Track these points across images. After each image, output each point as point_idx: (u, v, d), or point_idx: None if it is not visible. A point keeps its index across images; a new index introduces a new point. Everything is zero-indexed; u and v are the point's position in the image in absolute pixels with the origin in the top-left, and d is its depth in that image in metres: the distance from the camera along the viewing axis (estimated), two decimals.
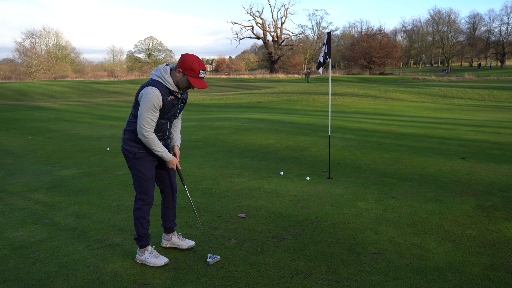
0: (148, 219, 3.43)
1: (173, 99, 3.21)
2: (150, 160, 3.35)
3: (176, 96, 3.24)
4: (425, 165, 6.97)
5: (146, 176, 3.33)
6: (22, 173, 7.38)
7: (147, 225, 3.43)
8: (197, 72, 3.08)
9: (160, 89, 3.10)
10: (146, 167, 3.33)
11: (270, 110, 18.97)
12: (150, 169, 3.37)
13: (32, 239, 4.08)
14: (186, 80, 3.11)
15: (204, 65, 3.13)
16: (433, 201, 5.04)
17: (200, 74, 3.11)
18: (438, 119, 14.02)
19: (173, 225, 3.71)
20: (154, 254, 3.43)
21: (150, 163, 3.36)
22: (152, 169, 3.39)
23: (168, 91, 3.16)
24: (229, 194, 5.48)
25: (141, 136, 3.14)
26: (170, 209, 3.65)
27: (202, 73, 3.12)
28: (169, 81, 3.14)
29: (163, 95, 3.12)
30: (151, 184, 3.39)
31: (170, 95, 3.17)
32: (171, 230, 3.71)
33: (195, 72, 3.08)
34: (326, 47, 6.14)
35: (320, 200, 5.16)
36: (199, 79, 3.12)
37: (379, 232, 4.07)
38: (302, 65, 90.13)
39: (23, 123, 15.79)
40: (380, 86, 29.24)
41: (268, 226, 4.26)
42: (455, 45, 79.20)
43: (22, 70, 65.80)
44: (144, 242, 3.43)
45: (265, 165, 7.24)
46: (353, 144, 9.08)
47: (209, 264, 3.37)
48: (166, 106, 3.17)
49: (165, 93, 3.13)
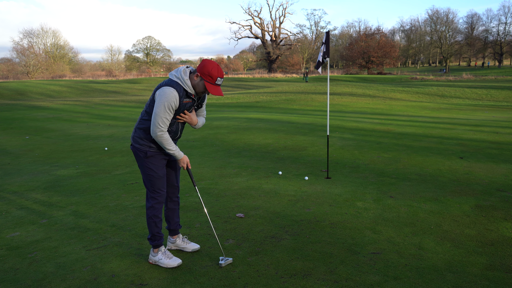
0: (161, 218, 3.42)
1: (189, 102, 3.23)
2: (161, 158, 3.35)
3: (192, 99, 3.25)
4: (423, 164, 6.97)
5: (157, 174, 3.32)
6: (20, 172, 7.35)
7: (160, 224, 3.41)
8: (215, 79, 3.12)
9: (178, 90, 3.12)
10: (157, 166, 3.33)
11: (268, 110, 18.95)
12: (161, 167, 3.36)
13: (29, 239, 4.05)
14: (202, 85, 3.15)
15: (222, 73, 3.16)
16: (431, 201, 5.04)
17: (217, 82, 3.14)
18: (436, 118, 14.03)
19: (177, 227, 3.67)
20: (167, 255, 3.40)
21: (161, 161, 3.35)
22: (163, 167, 3.38)
23: (186, 93, 3.18)
24: (227, 194, 5.46)
25: (155, 134, 3.15)
26: (173, 210, 3.62)
27: (219, 80, 3.15)
28: (188, 83, 3.17)
29: (181, 97, 3.14)
30: (163, 182, 3.37)
31: (187, 97, 3.20)
32: (175, 232, 3.66)
33: (212, 78, 3.11)
34: (324, 47, 6.13)
35: (318, 200, 5.15)
36: (215, 86, 3.16)
37: (378, 232, 4.06)
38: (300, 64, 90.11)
39: (21, 123, 15.73)
40: (378, 85, 29.26)
41: (266, 226, 4.24)
42: (453, 45, 79.33)
43: (19, 69, 65.59)
44: (158, 242, 3.40)
45: (264, 165, 7.22)
46: (352, 143, 9.07)
47: (221, 266, 3.34)
48: (181, 108, 3.20)
49: (182, 95, 3.15)
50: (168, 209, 3.60)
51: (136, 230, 4.18)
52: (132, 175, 6.76)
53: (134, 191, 5.75)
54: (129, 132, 12.26)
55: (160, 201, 3.37)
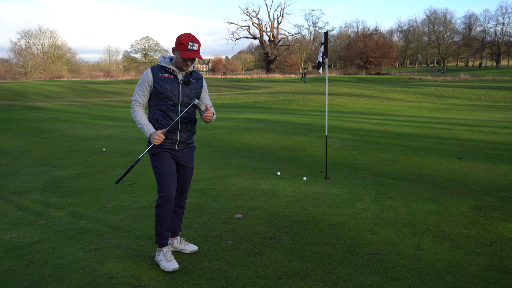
0: (168, 219, 3.38)
1: (169, 77, 3.24)
2: (166, 156, 3.33)
3: (174, 75, 3.26)
4: (422, 165, 6.97)
5: (163, 172, 3.30)
6: (17, 173, 7.32)
7: (166, 225, 3.38)
8: (186, 45, 3.11)
9: (152, 68, 3.25)
10: (163, 163, 3.31)
11: (266, 110, 18.94)
12: (166, 165, 3.33)
13: (27, 241, 4.03)
14: (179, 55, 3.16)
15: (195, 39, 3.15)
16: (430, 201, 5.03)
17: (189, 47, 3.12)
18: (435, 119, 14.05)
19: (177, 230, 3.64)
20: (166, 257, 3.36)
21: (166, 159, 3.33)
22: (169, 165, 3.34)
23: (163, 69, 3.26)
24: (225, 194, 5.45)
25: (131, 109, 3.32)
26: (177, 213, 3.58)
27: (191, 45, 3.13)
28: (164, 60, 3.28)
29: (155, 72, 3.23)
30: (169, 180, 3.33)
31: (165, 72, 3.25)
32: (175, 234, 3.64)
33: (184, 45, 3.11)
34: (323, 47, 6.13)
35: (317, 200, 5.14)
36: (189, 51, 3.14)
37: (377, 233, 4.05)
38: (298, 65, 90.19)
39: (18, 123, 15.69)
40: (376, 86, 29.29)
41: (265, 227, 4.23)
42: (451, 45, 79.51)
43: (17, 70, 65.48)
44: (161, 242, 3.39)
45: (262, 165, 7.21)
46: (350, 144, 9.07)
47: None
48: (159, 82, 3.22)
49: (157, 71, 3.24)
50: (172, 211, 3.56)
51: (134, 231, 4.16)
52: (130, 175, 6.74)
53: (132, 192, 5.73)
54: (127, 133, 12.23)
55: (166, 200, 3.33)
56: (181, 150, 3.42)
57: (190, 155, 3.51)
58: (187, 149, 3.48)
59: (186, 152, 3.47)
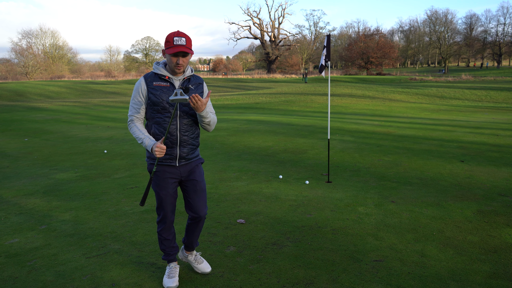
0: (167, 238, 3.20)
1: (165, 85, 2.91)
2: (164, 177, 3.02)
3: (168, 82, 2.93)
4: (424, 168, 6.95)
5: (158, 194, 3.05)
6: (19, 176, 7.31)
7: (168, 243, 3.21)
8: (172, 41, 2.78)
9: (146, 76, 2.96)
10: (160, 185, 3.03)
11: (268, 111, 18.92)
12: (163, 187, 3.03)
13: (28, 246, 4.01)
14: (167, 55, 2.85)
15: (181, 33, 2.81)
16: (433, 206, 5.01)
17: (175, 42, 2.78)
18: (436, 120, 14.01)
19: (192, 245, 3.36)
20: (169, 272, 3.21)
21: (164, 180, 3.02)
22: (165, 186, 3.03)
23: (158, 76, 2.94)
24: (228, 198, 5.43)
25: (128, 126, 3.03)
26: (193, 230, 3.27)
27: (177, 40, 2.78)
28: (158, 67, 2.97)
29: (148, 81, 2.93)
30: (165, 204, 3.07)
31: (160, 80, 2.93)
32: (189, 248, 3.40)
33: (170, 42, 2.79)
34: (326, 50, 6.10)
35: (319, 205, 5.12)
36: (175, 46, 2.78)
37: (380, 239, 4.03)
38: (299, 65, 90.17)
39: (20, 125, 15.68)
40: (377, 86, 29.26)
41: (267, 233, 4.21)
42: (452, 46, 79.37)
43: (18, 70, 65.52)
44: (167, 258, 3.25)
45: (264, 168, 7.19)
46: (352, 146, 9.04)
47: None
48: (154, 92, 2.89)
49: (151, 79, 2.93)
50: (188, 228, 3.28)
51: (136, 237, 4.15)
52: (131, 178, 6.73)
53: (133, 195, 5.71)
54: (128, 134, 12.22)
55: (162, 221, 3.13)
56: (183, 166, 3.06)
57: (195, 169, 3.13)
58: (190, 164, 3.11)
59: (189, 167, 3.10)
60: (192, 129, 3.05)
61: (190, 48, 2.85)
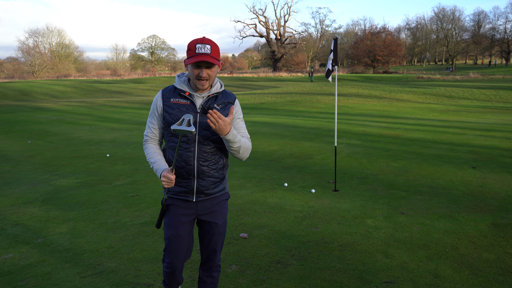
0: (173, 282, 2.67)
1: (184, 103, 2.40)
2: (177, 213, 2.48)
3: (189, 99, 2.41)
4: (434, 175, 6.71)
5: (166, 234, 2.52)
6: (19, 182, 7.17)
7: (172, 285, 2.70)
8: (194, 49, 2.28)
9: (164, 90, 2.49)
10: (170, 223, 2.49)
11: (273, 112, 18.70)
12: (173, 226, 2.49)
13: (22, 263, 3.85)
14: (189, 67, 2.35)
15: (205, 40, 2.31)
16: (445, 218, 4.79)
17: (198, 50, 2.28)
18: (445, 122, 13.72)
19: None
20: None
21: (175, 218, 2.48)
22: (175, 226, 2.48)
23: (177, 92, 2.44)
24: (231, 209, 5.23)
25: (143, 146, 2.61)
26: (205, 284, 2.70)
27: (200, 47, 2.28)
28: (179, 80, 2.48)
29: (165, 95, 2.45)
30: (173, 245, 2.51)
31: (179, 96, 2.42)
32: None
33: (191, 50, 2.30)
34: (332, 54, 5.88)
35: (326, 216, 4.91)
36: (197, 56, 2.28)
37: (390, 256, 3.82)
38: (305, 63, 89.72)
39: (24, 126, 15.60)
40: (384, 86, 28.91)
41: (272, 249, 4.01)
42: (460, 43, 78.56)
43: (25, 69, 65.79)
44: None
45: (269, 175, 6.99)
46: (359, 151, 8.81)
47: None
48: (169, 111, 2.40)
49: (169, 95, 2.44)
50: (200, 278, 2.73)
51: (134, 253, 3.97)
52: (132, 186, 6.56)
53: (134, 205, 5.54)
54: (132, 137, 12.07)
55: (168, 266, 2.57)
56: (201, 202, 2.50)
57: (217, 208, 2.55)
58: (211, 201, 2.53)
59: (210, 203, 2.52)
60: (214, 158, 2.46)
61: (217, 58, 2.33)
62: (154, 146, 2.54)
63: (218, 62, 2.34)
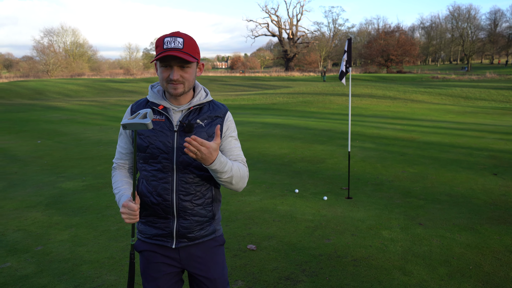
0: None
1: (158, 120, 1.83)
2: (154, 261, 1.90)
3: (164, 114, 1.84)
4: (453, 182, 6.39)
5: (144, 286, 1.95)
6: (24, 184, 7.05)
7: None
8: (162, 44, 1.74)
9: (134, 105, 1.93)
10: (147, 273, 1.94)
11: (285, 113, 18.43)
12: (150, 278, 1.92)
13: (19, 273, 3.68)
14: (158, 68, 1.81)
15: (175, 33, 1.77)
16: (467, 230, 4.49)
17: (166, 45, 1.73)
18: (463, 124, 13.30)
19: None
20: None
21: (153, 265, 1.91)
22: (154, 278, 1.91)
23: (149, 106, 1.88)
24: (238, 217, 5.00)
25: None
26: None
27: (169, 41, 1.73)
28: (152, 92, 1.92)
29: (134, 112, 1.90)
30: None
31: None
32: None
33: (159, 47, 1.75)
34: (346, 55, 5.61)
35: (339, 227, 4.65)
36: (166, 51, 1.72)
37: (409, 273, 3.55)
38: (318, 62, 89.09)
39: (35, 125, 15.60)
40: (399, 86, 28.38)
41: (281, 263, 3.77)
42: (475, 42, 77.14)
43: (40, 68, 66.54)
44: None
45: (279, 180, 6.74)
46: (373, 155, 8.51)
47: None
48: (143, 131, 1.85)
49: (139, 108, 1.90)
50: None
51: (135, 265, 3.76)
52: None
53: None
54: None
55: None
56: (185, 248, 1.90)
57: (207, 257, 1.94)
58: (197, 248, 1.92)
59: (196, 251, 1.92)
60: (199, 191, 1.87)
61: (192, 54, 1.76)
62: (121, 174, 1.99)
63: (194, 59, 1.76)
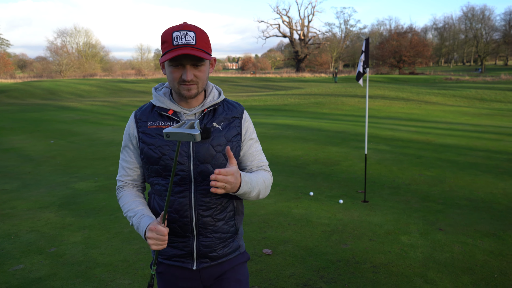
0: None
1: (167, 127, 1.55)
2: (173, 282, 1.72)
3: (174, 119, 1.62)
4: (473, 186, 6.22)
5: None
6: (38, 184, 7.05)
7: None
8: (170, 40, 1.50)
9: (137, 111, 1.71)
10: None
11: (297, 114, 18.31)
12: None
13: (32, 276, 3.63)
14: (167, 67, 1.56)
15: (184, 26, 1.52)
16: (489, 237, 4.34)
17: (176, 40, 1.49)
18: (479, 126, 13.04)
19: None
20: None
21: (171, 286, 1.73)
22: None
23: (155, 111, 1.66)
24: (253, 220, 4.91)
25: None
26: None
27: (179, 36, 1.49)
28: (157, 94, 1.69)
29: (141, 120, 1.67)
30: None
31: (159, 117, 1.64)
32: None
33: (167, 42, 1.51)
34: (363, 55, 5.49)
35: (356, 231, 4.53)
36: (176, 49, 1.48)
37: (431, 281, 3.42)
38: (329, 64, 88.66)
39: (48, 125, 15.72)
40: (412, 87, 28.06)
41: (298, 268, 3.67)
42: (490, 43, 76.02)
43: (53, 68, 67.37)
44: None
45: (293, 182, 6.64)
46: (389, 157, 8.35)
47: None
48: (147, 139, 1.63)
49: (146, 117, 1.66)
50: None
51: (149, 269, 3.70)
52: None
53: None
54: None
55: None
56: (206, 270, 1.70)
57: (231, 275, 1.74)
58: (221, 267, 1.73)
59: (219, 271, 1.73)
60: (220, 204, 1.67)
61: (206, 50, 1.54)
62: (131, 193, 1.74)
63: (209, 56, 1.55)
